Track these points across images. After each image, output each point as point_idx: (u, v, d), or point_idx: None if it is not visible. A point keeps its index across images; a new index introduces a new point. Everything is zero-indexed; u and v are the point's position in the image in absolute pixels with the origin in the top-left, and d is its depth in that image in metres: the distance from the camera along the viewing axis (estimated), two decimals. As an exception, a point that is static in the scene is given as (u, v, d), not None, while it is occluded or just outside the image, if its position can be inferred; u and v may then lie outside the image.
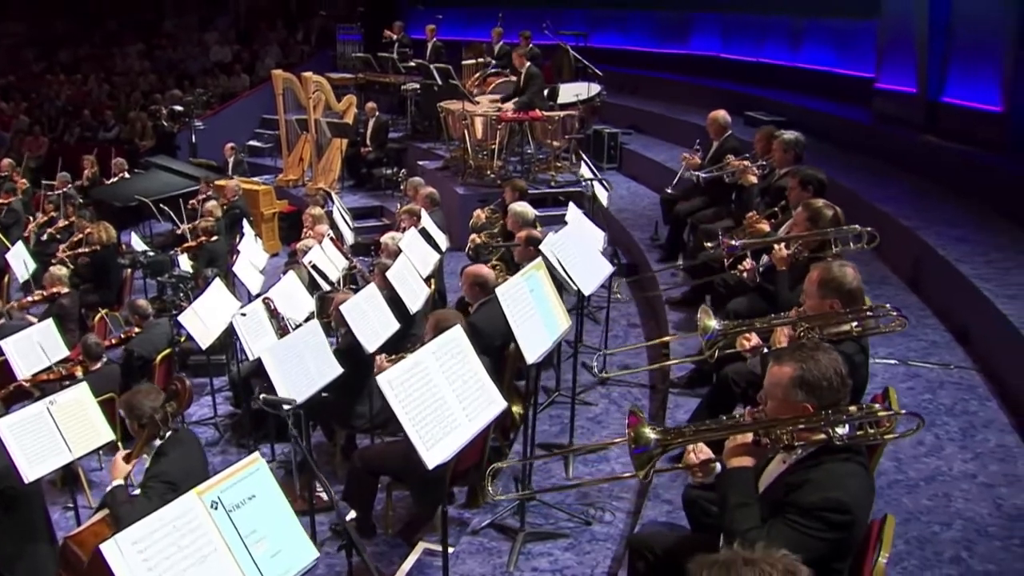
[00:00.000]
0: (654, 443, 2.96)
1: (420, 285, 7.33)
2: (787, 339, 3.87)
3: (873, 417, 2.84)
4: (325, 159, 14.49)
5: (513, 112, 11.58)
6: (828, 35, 12.39)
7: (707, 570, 1.92)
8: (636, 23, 16.62)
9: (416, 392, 3.49)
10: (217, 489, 2.83)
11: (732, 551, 1.97)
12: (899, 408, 2.89)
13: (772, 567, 1.88)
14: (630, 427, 3.02)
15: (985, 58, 8.38)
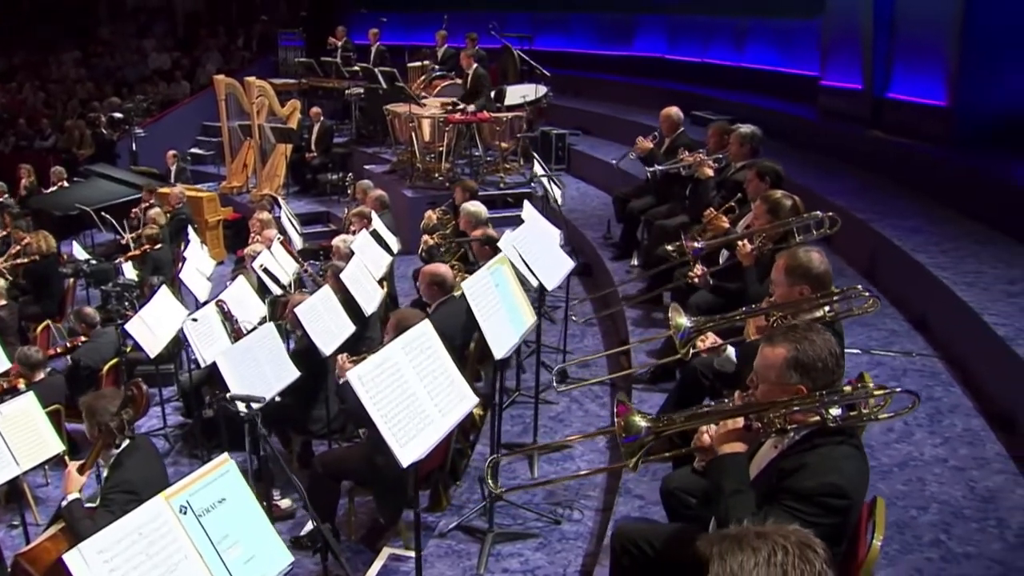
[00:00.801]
0: (645, 431, 2.87)
1: (374, 287, 7.20)
2: (759, 331, 3.82)
3: (868, 396, 2.78)
4: (269, 165, 14.24)
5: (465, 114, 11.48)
6: (772, 35, 12.51)
7: (718, 546, 1.84)
8: (580, 25, 16.65)
9: (387, 388, 3.37)
10: (186, 493, 2.68)
11: (742, 526, 1.88)
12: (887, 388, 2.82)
13: (785, 539, 1.80)
14: (619, 416, 2.93)
15: (929, 54, 8.49)
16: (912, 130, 8.69)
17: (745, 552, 1.79)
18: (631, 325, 7.12)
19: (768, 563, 1.77)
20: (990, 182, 7.31)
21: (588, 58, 16.29)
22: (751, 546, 1.80)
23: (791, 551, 1.77)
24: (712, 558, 1.83)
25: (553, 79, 13.19)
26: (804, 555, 1.77)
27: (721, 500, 2.72)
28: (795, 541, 1.80)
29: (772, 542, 1.79)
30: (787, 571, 1.76)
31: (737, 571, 1.77)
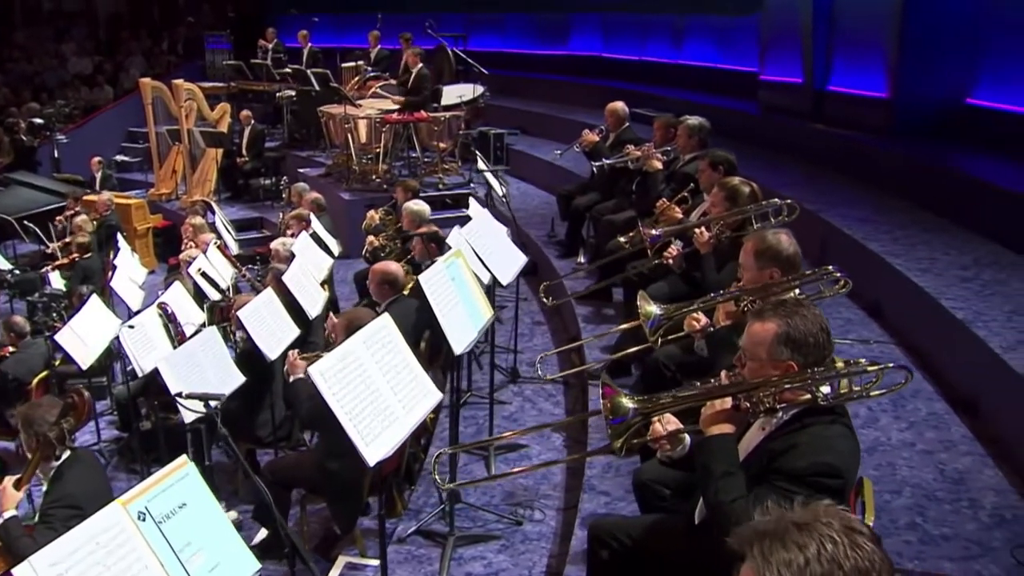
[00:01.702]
0: (632, 412, 2.79)
1: (317, 289, 7.04)
2: (728, 316, 3.77)
3: (862, 372, 2.74)
4: (200, 170, 13.92)
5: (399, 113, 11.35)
6: (710, 32, 12.62)
7: (757, 545, 1.71)
8: (515, 25, 16.64)
9: (350, 384, 3.24)
10: (143, 498, 2.52)
11: (776, 517, 1.75)
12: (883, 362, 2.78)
13: (829, 528, 1.69)
14: (606, 398, 2.84)
15: (869, 46, 8.62)
16: (854, 122, 8.81)
17: (791, 550, 1.66)
18: (582, 322, 7.05)
19: (819, 559, 1.64)
20: (934, 171, 7.43)
21: (524, 58, 16.28)
22: (795, 542, 1.67)
23: (839, 540, 1.66)
24: (751, 558, 1.72)
25: (489, 79, 13.13)
26: (854, 541, 1.66)
27: (711, 483, 2.64)
28: (840, 528, 1.69)
29: (818, 534, 1.67)
30: (840, 563, 1.64)
31: (785, 572, 1.67)
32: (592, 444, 5.21)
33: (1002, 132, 7.71)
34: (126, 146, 17.42)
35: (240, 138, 14.02)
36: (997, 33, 7.82)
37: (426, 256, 6.94)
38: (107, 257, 10.05)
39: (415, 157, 11.97)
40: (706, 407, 2.77)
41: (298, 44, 15.46)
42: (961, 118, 8.13)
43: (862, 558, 1.64)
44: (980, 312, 5.03)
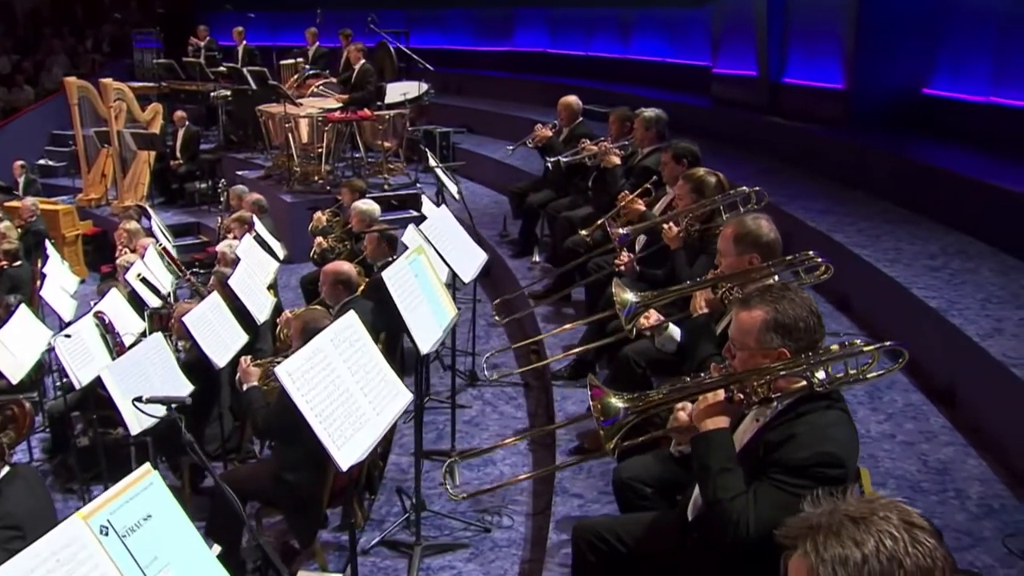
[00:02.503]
0: (623, 412, 2.73)
1: (264, 294, 6.88)
2: (707, 304, 3.73)
3: (857, 353, 2.71)
4: (131, 174, 13.58)
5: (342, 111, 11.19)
6: (660, 25, 12.68)
7: (810, 540, 1.65)
8: (457, 21, 16.58)
9: (319, 385, 3.13)
10: (105, 511, 2.37)
11: (828, 509, 1.69)
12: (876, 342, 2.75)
13: (887, 522, 1.63)
14: (595, 399, 2.78)
15: (825, 38, 8.71)
16: (810, 114, 8.90)
17: (847, 546, 1.60)
18: (542, 322, 6.99)
19: (877, 556, 1.58)
20: (894, 162, 7.52)
21: (467, 55, 16.23)
22: (852, 538, 1.61)
23: (899, 536, 1.60)
24: (804, 553, 1.65)
25: (431, 76, 13.04)
26: (914, 537, 1.60)
27: (709, 480, 2.59)
28: (898, 523, 1.63)
29: (876, 529, 1.61)
30: (900, 560, 1.58)
31: (842, 572, 1.60)
32: (561, 446, 5.13)
33: (959, 121, 7.85)
34: (50, 149, 16.92)
35: (173, 140, 13.73)
36: (953, 22, 7.95)
37: (379, 256, 6.82)
38: (35, 265, 9.75)
39: (359, 157, 11.82)
40: (698, 402, 2.72)
41: (233, 42, 15.20)
42: (918, 108, 8.25)
43: (923, 555, 1.59)
44: (953, 301, 5.07)
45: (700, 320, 3.71)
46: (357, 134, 11.52)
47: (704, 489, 2.61)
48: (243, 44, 14.89)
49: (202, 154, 13.92)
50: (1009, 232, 5.97)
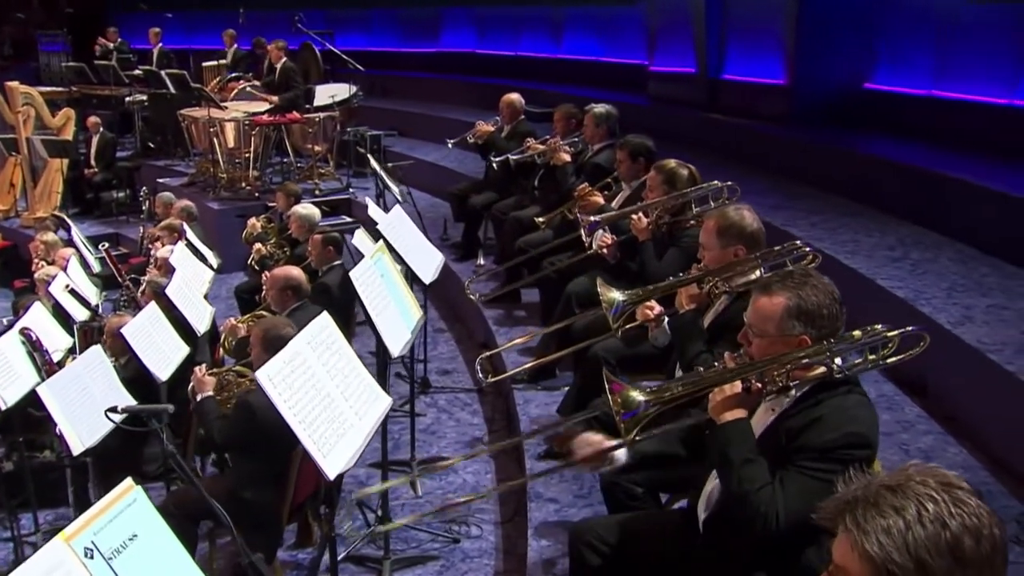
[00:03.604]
0: (643, 404, 2.66)
1: (203, 303, 6.67)
2: (692, 300, 3.69)
3: (880, 340, 2.68)
4: (43, 184, 13.06)
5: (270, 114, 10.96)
6: (592, 24, 12.70)
7: (849, 515, 1.62)
8: (382, 22, 16.44)
9: (301, 389, 3.00)
10: (89, 531, 2.22)
11: (862, 484, 1.66)
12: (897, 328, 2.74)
13: (925, 486, 1.61)
14: (615, 393, 2.71)
15: (765, 34, 8.82)
16: (751, 110, 9.00)
17: (888, 515, 1.58)
18: (494, 325, 6.90)
19: (920, 521, 1.57)
20: (839, 156, 7.63)
21: (393, 56, 16.07)
22: (892, 506, 1.59)
23: (939, 498, 1.59)
24: (845, 530, 1.62)
25: (357, 78, 12.87)
26: (955, 497, 1.59)
27: (732, 472, 2.53)
28: (936, 485, 1.61)
29: (914, 494, 1.59)
30: (945, 522, 1.56)
31: (887, 541, 1.57)
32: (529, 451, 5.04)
33: (901, 115, 8.01)
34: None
35: (87, 147, 13.26)
36: (892, 17, 8.12)
37: (324, 261, 6.69)
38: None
39: (287, 162, 11.59)
40: (714, 393, 2.66)
41: (147, 44, 14.80)
42: (860, 103, 8.40)
43: (968, 514, 1.59)
44: (919, 291, 5.14)
45: (687, 317, 3.67)
46: (286, 138, 11.29)
47: (728, 482, 2.55)
48: (159, 46, 14.49)
49: (118, 162, 13.47)
50: (963, 222, 6.09)
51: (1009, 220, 5.79)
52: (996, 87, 7.18)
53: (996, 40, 7.13)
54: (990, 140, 7.05)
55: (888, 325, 2.72)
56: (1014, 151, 6.75)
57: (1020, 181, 6.05)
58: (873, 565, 1.57)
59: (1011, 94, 7.07)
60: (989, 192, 5.97)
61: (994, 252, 5.76)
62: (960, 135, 7.32)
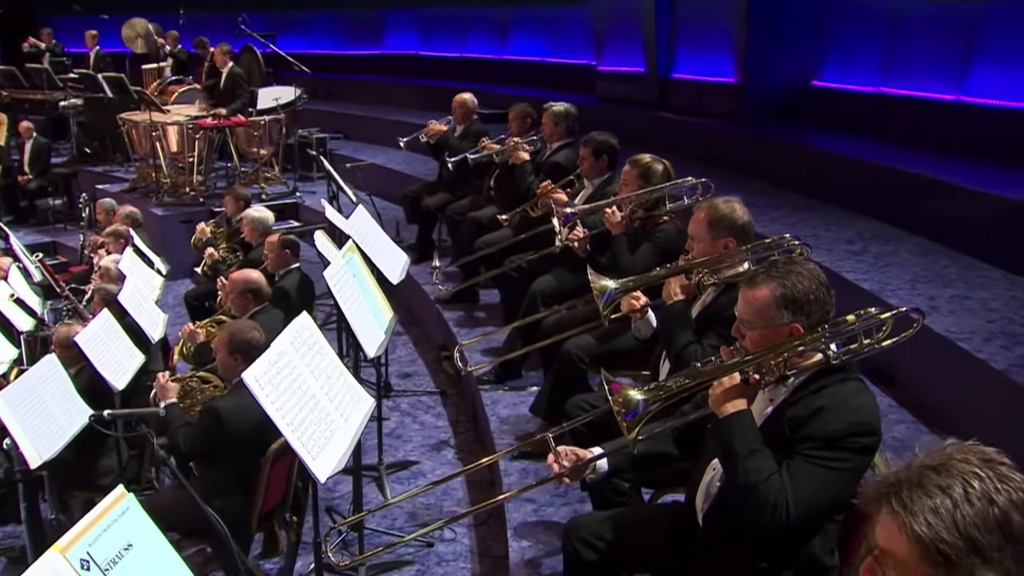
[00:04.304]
0: (643, 404, 2.64)
1: (156, 310, 6.52)
2: (682, 290, 3.68)
3: (874, 322, 2.70)
4: (-28, 192, 12.72)
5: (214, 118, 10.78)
6: (538, 25, 12.71)
7: (894, 497, 1.61)
8: (324, 24, 16.28)
9: (287, 391, 2.93)
10: (83, 542, 2.13)
11: (903, 465, 1.65)
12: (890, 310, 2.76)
13: (967, 463, 1.61)
14: (615, 393, 2.69)
15: (715, 33, 8.91)
16: (702, 109, 9.07)
17: (934, 495, 1.58)
18: (454, 326, 6.85)
19: (967, 499, 1.56)
20: (794, 151, 7.72)
21: (336, 59, 15.91)
22: (937, 486, 1.58)
23: (983, 475, 1.59)
24: (891, 513, 1.61)
25: (300, 82, 12.72)
26: (999, 473, 1.59)
27: (737, 465, 2.52)
28: (979, 463, 1.61)
29: (959, 472, 1.59)
30: (992, 499, 1.56)
31: (935, 520, 1.56)
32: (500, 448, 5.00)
33: (848, 111, 8.15)
34: None
35: (20, 153, 12.90)
36: (839, 16, 8.26)
37: (281, 264, 6.57)
38: None
39: (232, 166, 11.40)
40: (713, 387, 2.65)
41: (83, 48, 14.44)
42: (808, 100, 8.52)
43: (1015, 489, 1.59)
44: (884, 283, 5.22)
45: (676, 307, 3.66)
46: (230, 142, 11.10)
47: (734, 475, 2.54)
48: (96, 49, 14.15)
49: (53, 168, 13.15)
50: (919, 216, 6.20)
51: (964, 213, 5.91)
52: (943, 84, 7.33)
53: (943, 38, 7.28)
54: (938, 136, 7.19)
55: (880, 308, 2.73)
56: (962, 146, 6.90)
57: (972, 175, 6.19)
58: (922, 546, 1.57)
59: (958, 90, 7.22)
60: (944, 185, 6.09)
61: (951, 244, 5.87)
62: (907, 131, 7.47)
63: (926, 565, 1.57)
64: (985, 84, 6.98)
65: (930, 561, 1.56)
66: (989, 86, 6.94)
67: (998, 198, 5.70)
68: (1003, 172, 6.23)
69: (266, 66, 13.13)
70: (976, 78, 7.07)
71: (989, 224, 5.72)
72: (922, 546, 1.57)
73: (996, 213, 5.69)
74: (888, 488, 1.63)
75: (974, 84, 7.08)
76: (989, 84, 6.94)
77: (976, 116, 6.98)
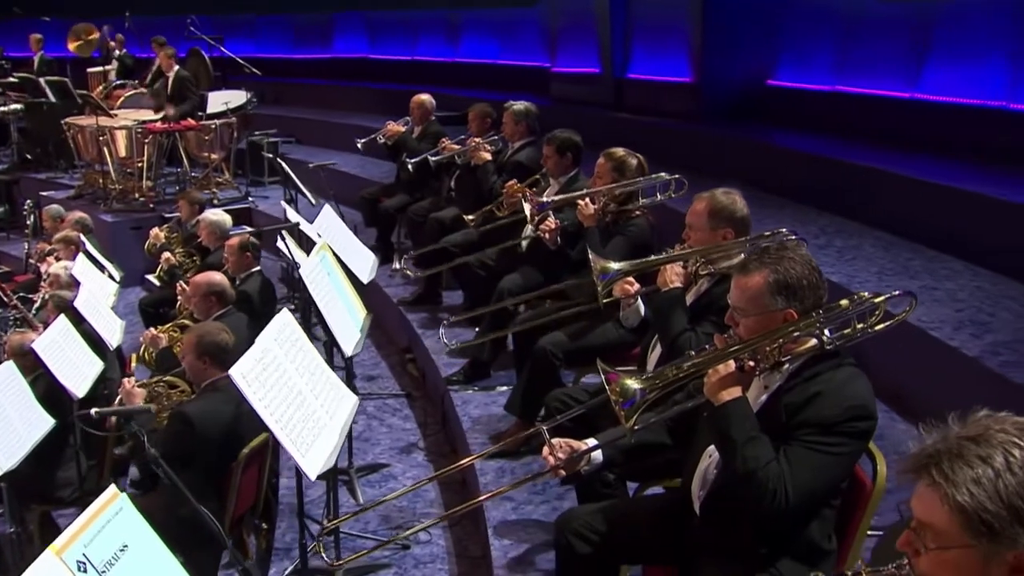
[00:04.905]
0: (640, 393, 2.64)
1: (112, 316, 6.40)
2: (679, 277, 3.69)
3: (868, 307, 2.72)
4: (-90, 200, 12.37)
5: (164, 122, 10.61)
6: (490, 27, 12.69)
7: (934, 468, 1.62)
8: (270, 28, 16.10)
9: (274, 387, 2.89)
10: (79, 544, 2.08)
11: (940, 437, 1.66)
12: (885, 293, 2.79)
13: (1005, 433, 1.63)
14: (612, 383, 2.68)
15: (670, 32, 8.97)
16: (659, 108, 9.11)
17: (975, 465, 1.60)
18: (419, 328, 6.81)
19: (1009, 469, 1.58)
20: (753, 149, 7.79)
21: (284, 63, 15.74)
22: (978, 456, 1.60)
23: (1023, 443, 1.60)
24: (932, 484, 1.62)
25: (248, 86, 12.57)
26: None
27: (736, 452, 2.52)
28: (1016, 432, 1.63)
29: (999, 443, 1.61)
30: None
31: (977, 491, 1.57)
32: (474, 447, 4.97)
33: (804, 110, 8.25)
34: None
35: (-42, 160, 12.62)
36: (794, 16, 8.36)
37: (242, 268, 6.48)
38: None
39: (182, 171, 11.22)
40: (708, 375, 2.65)
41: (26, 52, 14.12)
42: (764, 99, 8.61)
43: None
44: (852, 275, 5.28)
45: (674, 293, 3.66)
46: (180, 146, 10.92)
47: (732, 462, 2.54)
48: (40, 53, 13.85)
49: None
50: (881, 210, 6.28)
51: (924, 207, 6.01)
52: (898, 82, 7.44)
53: (897, 37, 7.40)
54: (893, 133, 7.29)
55: (873, 292, 2.75)
56: (918, 143, 7.01)
57: (930, 170, 6.29)
58: (965, 516, 1.58)
59: (912, 88, 7.34)
60: (904, 180, 6.18)
61: (914, 238, 5.95)
62: (864, 129, 7.57)
63: (968, 536, 1.58)
64: (939, 82, 7.09)
65: (972, 531, 1.57)
66: (943, 84, 7.05)
67: (957, 192, 5.80)
68: (960, 167, 6.33)
69: (215, 70, 12.97)
70: (930, 76, 7.18)
71: (950, 217, 5.81)
72: (964, 516, 1.58)
73: (956, 207, 5.79)
74: (927, 459, 1.64)
75: (928, 82, 7.20)
76: (943, 82, 7.05)
77: (931, 113, 7.09)
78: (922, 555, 1.65)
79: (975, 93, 6.73)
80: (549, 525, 4.17)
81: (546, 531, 4.12)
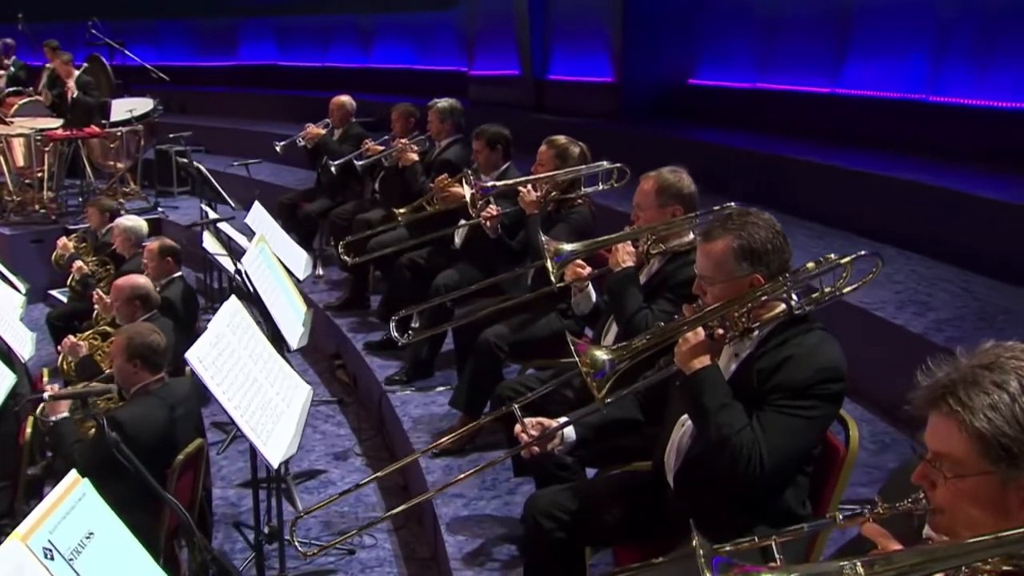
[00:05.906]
0: (609, 364, 2.63)
1: (22, 329, 6.15)
2: (631, 256, 3.70)
3: (835, 267, 2.76)
4: None
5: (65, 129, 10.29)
6: (404, 31, 12.65)
7: (951, 397, 1.63)
8: (172, 34, 15.78)
9: (231, 373, 2.82)
10: (44, 530, 1.98)
11: (952, 368, 1.68)
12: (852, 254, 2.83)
13: (1017, 359, 1.66)
14: (582, 354, 2.68)
15: (591, 33, 9.08)
16: (580, 109, 9.18)
17: (991, 392, 1.62)
18: (348, 332, 6.72)
19: None
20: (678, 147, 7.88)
21: (187, 71, 15.39)
22: (993, 382, 1.62)
23: None
24: (948, 412, 1.63)
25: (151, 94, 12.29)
26: None
27: (709, 420, 2.54)
28: None
29: (1012, 368, 1.63)
30: None
31: (995, 416, 1.59)
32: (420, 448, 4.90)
33: (726, 108, 8.42)
34: None
35: None
36: (713, 15, 8.54)
37: (163, 273, 6.28)
38: None
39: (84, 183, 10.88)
40: (679, 344, 2.65)
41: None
42: (685, 98, 8.75)
43: None
44: (791, 265, 5.36)
45: (628, 271, 3.68)
46: (84, 155, 10.60)
47: (706, 430, 2.56)
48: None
49: None
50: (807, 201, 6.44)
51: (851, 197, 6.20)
52: (818, 77, 7.64)
53: (817, 33, 7.60)
54: (814, 128, 7.50)
55: (839, 254, 2.79)
56: (841, 136, 7.21)
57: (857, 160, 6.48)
58: (983, 442, 1.60)
59: (833, 83, 7.54)
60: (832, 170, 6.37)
61: (842, 226, 6.12)
62: (785, 125, 7.75)
63: (986, 462, 1.60)
64: (859, 76, 7.30)
65: (991, 457, 1.59)
66: (863, 78, 7.26)
67: (886, 180, 5.99)
68: (884, 158, 6.52)
69: (116, 78, 12.64)
70: (851, 71, 7.39)
71: (876, 205, 5.99)
72: (983, 442, 1.60)
73: (882, 195, 5.98)
74: (942, 390, 1.66)
75: (849, 77, 7.40)
76: (863, 76, 7.26)
77: (852, 107, 7.30)
78: (939, 487, 1.67)
79: (896, 87, 6.95)
80: (502, 519, 4.17)
81: (500, 525, 4.11)
